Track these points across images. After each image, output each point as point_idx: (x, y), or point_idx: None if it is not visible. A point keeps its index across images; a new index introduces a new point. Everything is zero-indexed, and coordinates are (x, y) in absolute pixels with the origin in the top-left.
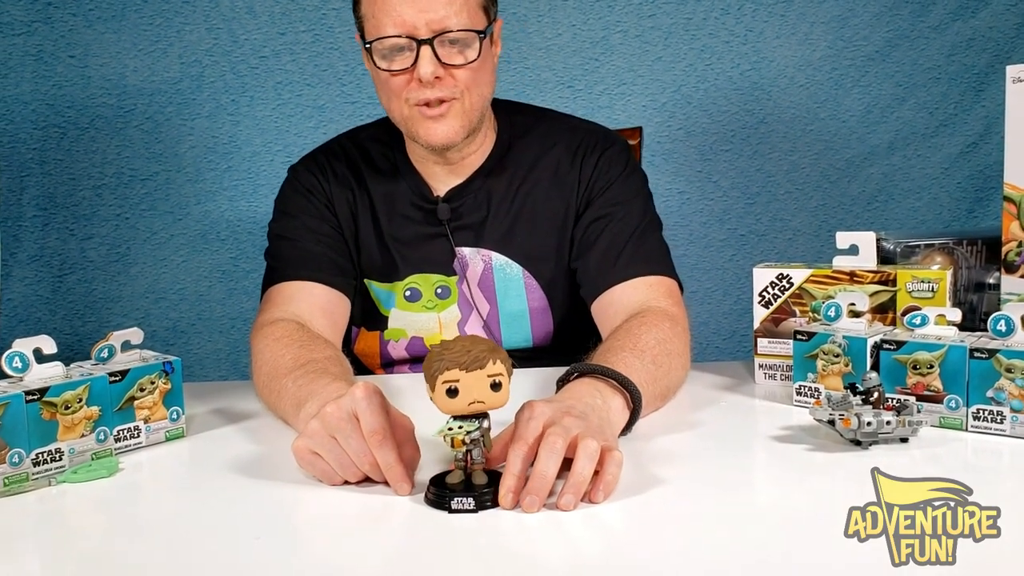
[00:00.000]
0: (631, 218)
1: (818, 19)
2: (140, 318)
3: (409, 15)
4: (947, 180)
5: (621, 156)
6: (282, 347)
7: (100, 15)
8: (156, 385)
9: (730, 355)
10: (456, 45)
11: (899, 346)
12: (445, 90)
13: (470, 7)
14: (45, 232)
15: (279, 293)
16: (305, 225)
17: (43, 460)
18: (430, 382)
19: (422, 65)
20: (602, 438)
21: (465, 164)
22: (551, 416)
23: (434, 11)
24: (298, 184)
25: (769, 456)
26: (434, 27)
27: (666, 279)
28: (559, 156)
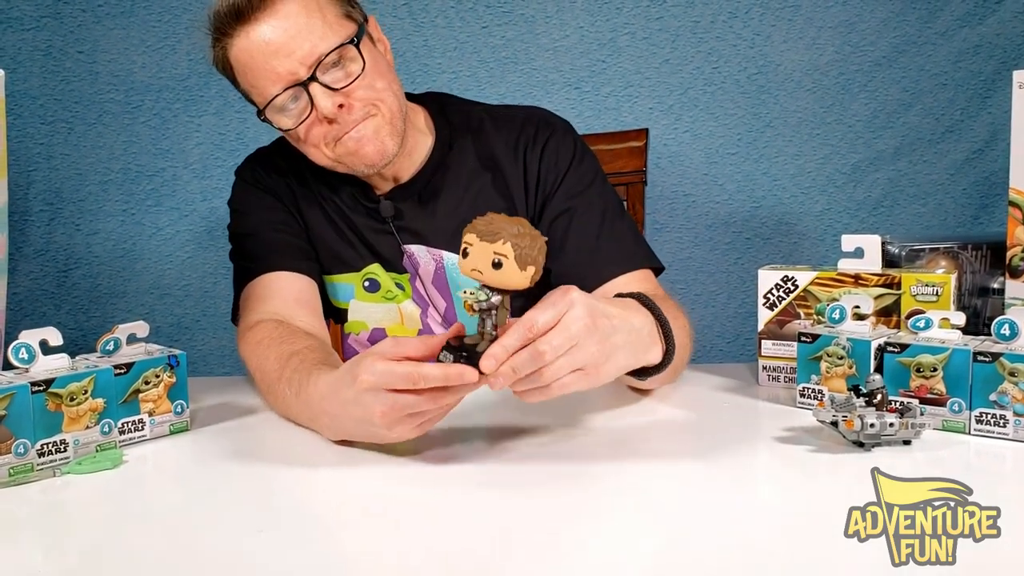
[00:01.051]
0: (594, 208)
1: (825, 24)
2: (145, 313)
3: (280, 65)
4: (953, 186)
5: (566, 142)
6: (263, 349)
7: (109, 11)
8: (161, 378)
9: (733, 358)
10: (338, 65)
11: (903, 349)
12: (354, 114)
13: (331, 24)
14: (51, 227)
15: (252, 293)
16: (260, 218)
17: (48, 451)
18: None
19: (320, 102)
20: (605, 359)
21: (403, 169)
22: (581, 312)
23: (300, 48)
24: (243, 183)
25: (772, 457)
26: (308, 62)
27: (647, 271)
28: (502, 151)
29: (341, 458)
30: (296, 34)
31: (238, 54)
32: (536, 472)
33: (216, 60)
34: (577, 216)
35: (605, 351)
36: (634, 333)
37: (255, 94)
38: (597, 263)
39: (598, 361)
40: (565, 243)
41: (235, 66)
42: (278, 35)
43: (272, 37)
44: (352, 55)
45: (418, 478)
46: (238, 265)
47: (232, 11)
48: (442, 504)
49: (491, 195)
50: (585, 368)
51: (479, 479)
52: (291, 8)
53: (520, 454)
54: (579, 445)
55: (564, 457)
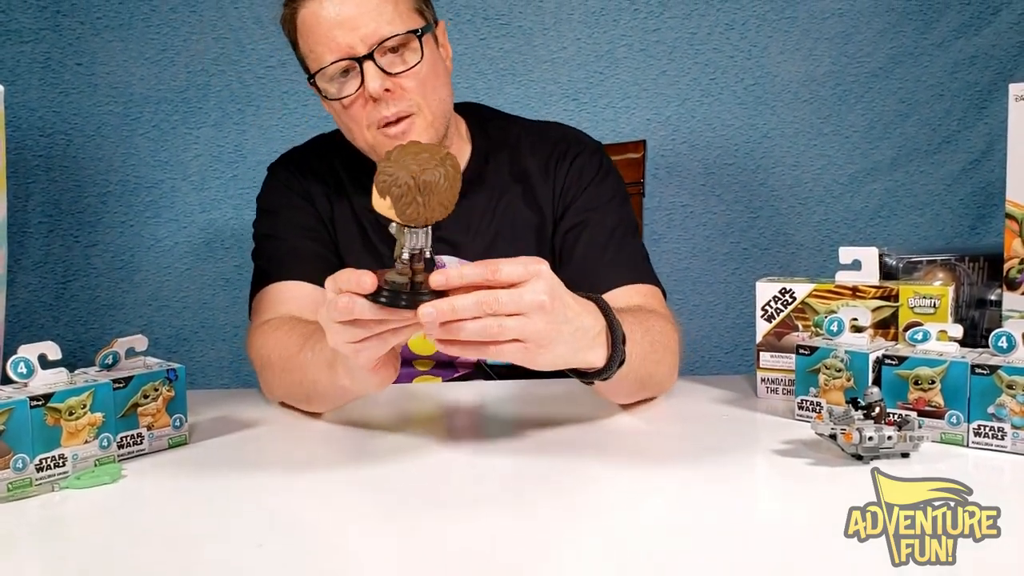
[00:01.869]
0: (606, 223)
1: (822, 35)
2: (143, 326)
3: (342, 36)
4: (949, 197)
5: (593, 160)
6: (284, 334)
7: (108, 24)
8: (160, 392)
9: (732, 369)
10: (397, 52)
11: (901, 361)
12: (400, 104)
13: (401, 12)
14: (50, 239)
15: (270, 296)
16: (290, 221)
17: (47, 466)
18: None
19: (369, 81)
20: (548, 342)
21: None
22: (543, 286)
23: (365, 26)
24: (277, 182)
25: (771, 469)
26: (370, 41)
27: (652, 287)
28: (534, 167)
29: (341, 471)
30: (365, 11)
31: (306, 16)
32: (530, 484)
33: (284, 19)
34: (589, 227)
35: (550, 334)
36: (581, 331)
37: (311, 59)
38: (600, 271)
39: (541, 340)
40: (573, 252)
41: (300, 28)
42: (348, 8)
43: (342, 8)
44: (413, 46)
45: (417, 493)
46: (260, 265)
47: None
48: (441, 520)
49: (521, 207)
50: (527, 342)
51: (475, 493)
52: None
53: (512, 465)
54: (574, 456)
55: (559, 469)
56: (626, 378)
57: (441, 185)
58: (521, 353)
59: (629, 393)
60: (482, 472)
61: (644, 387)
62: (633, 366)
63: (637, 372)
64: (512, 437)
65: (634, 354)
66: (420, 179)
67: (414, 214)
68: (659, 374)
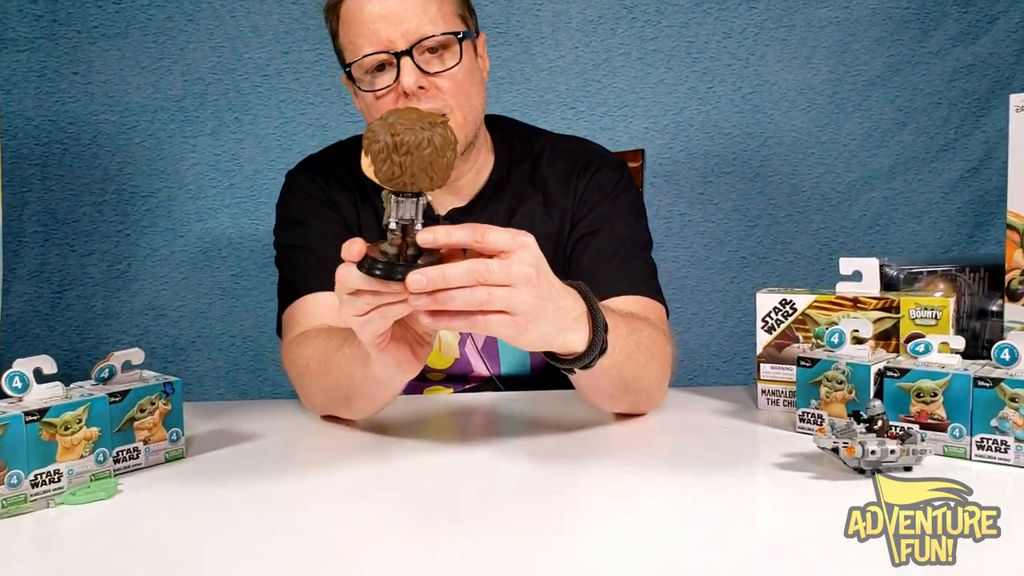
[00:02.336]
0: (617, 235)
1: (819, 44)
2: (139, 335)
3: (384, 30)
4: (948, 204)
5: (613, 175)
6: (322, 340)
7: (104, 32)
8: (156, 406)
9: (731, 378)
10: (436, 52)
11: (903, 374)
12: (432, 102)
13: (445, 14)
14: (45, 248)
15: (299, 312)
16: (319, 231)
17: (42, 481)
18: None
19: (405, 76)
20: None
21: (462, 185)
22: (530, 258)
23: (408, 22)
24: (299, 190)
25: (772, 483)
26: (411, 37)
27: (653, 302)
28: (555, 178)
29: (339, 486)
30: (410, 8)
31: (351, 7)
32: (529, 496)
33: (327, 8)
34: (598, 237)
35: (536, 309)
36: (563, 310)
37: (349, 50)
38: (603, 279)
39: (528, 314)
40: (581, 259)
41: (343, 18)
42: (393, 3)
43: (387, 3)
44: (453, 49)
45: (417, 507)
46: (288, 277)
47: None
48: (440, 534)
49: (540, 215)
50: (515, 315)
51: (475, 507)
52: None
53: (512, 478)
54: (573, 468)
55: (558, 480)
56: (608, 373)
57: (423, 147)
58: (508, 327)
59: (612, 394)
60: (479, 489)
61: (628, 389)
62: (616, 361)
63: (620, 369)
64: (513, 448)
65: (617, 348)
66: (397, 137)
67: (390, 172)
68: (644, 379)
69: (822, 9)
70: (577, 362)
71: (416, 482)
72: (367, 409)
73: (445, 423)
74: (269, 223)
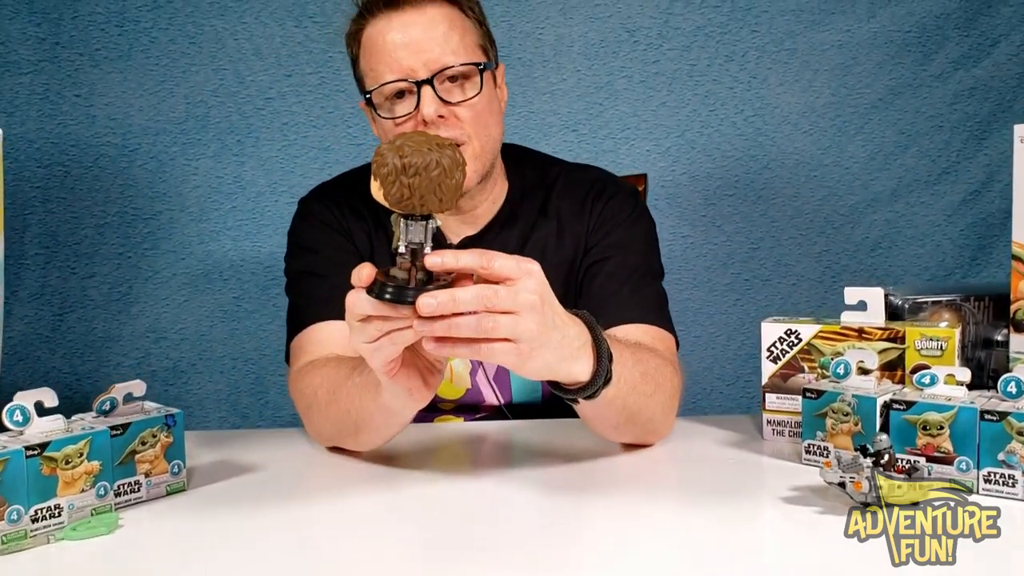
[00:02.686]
0: (629, 262)
1: (821, 67)
2: (140, 358)
3: (406, 58)
4: (950, 227)
5: (627, 202)
6: (331, 369)
7: (107, 55)
8: (158, 439)
9: (734, 400)
10: (456, 82)
11: (909, 406)
12: (451, 131)
13: (467, 45)
14: (47, 270)
15: (308, 340)
16: (330, 259)
17: (42, 516)
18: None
19: (424, 105)
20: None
21: (477, 214)
22: (535, 285)
23: (430, 51)
24: (312, 218)
25: (778, 518)
26: (432, 67)
27: (663, 331)
28: (568, 206)
29: (340, 520)
30: (432, 37)
31: (373, 34)
32: (536, 528)
33: (349, 35)
34: (610, 263)
35: (540, 337)
36: (567, 339)
37: (370, 77)
38: (612, 306)
39: (532, 342)
40: (592, 285)
41: (364, 44)
42: (416, 32)
43: (409, 31)
44: (473, 80)
45: (425, 540)
46: (298, 304)
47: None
48: (448, 567)
49: (552, 243)
50: (519, 343)
51: (483, 540)
52: (438, 14)
53: (519, 510)
54: (580, 500)
55: (559, 512)
56: (613, 404)
57: (431, 168)
58: (512, 356)
59: (617, 424)
60: (479, 522)
61: (633, 420)
62: (621, 391)
63: (625, 400)
64: (521, 479)
65: (622, 379)
66: (405, 159)
67: (399, 195)
68: (650, 410)
69: (824, 32)
70: (581, 392)
71: (424, 514)
72: (375, 440)
73: (453, 452)
74: (271, 246)
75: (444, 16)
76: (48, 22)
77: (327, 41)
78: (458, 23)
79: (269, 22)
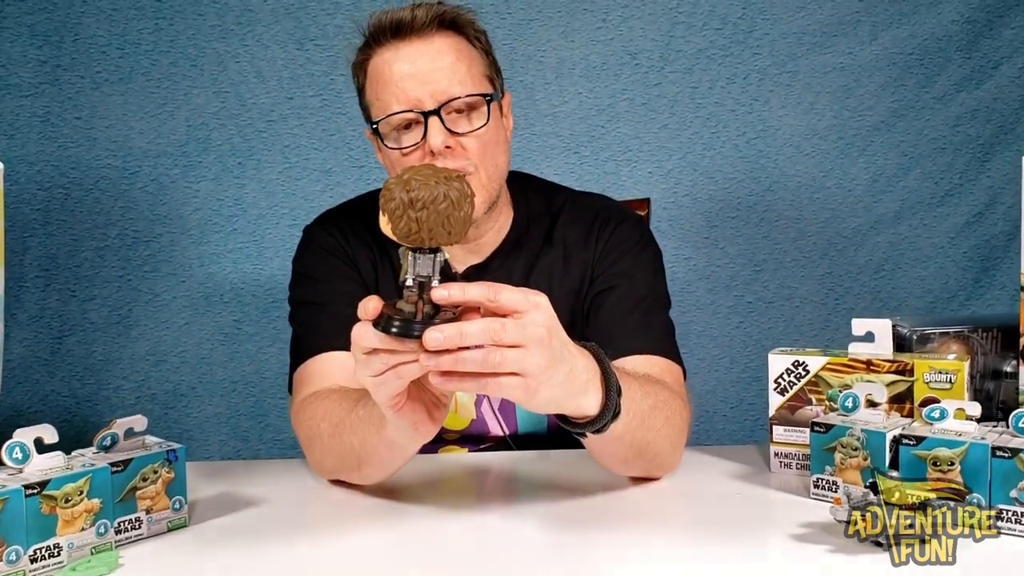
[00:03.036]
0: (636, 292)
1: (823, 89)
2: (140, 381)
3: (413, 89)
4: (953, 250)
5: (634, 231)
6: (334, 402)
7: (107, 78)
8: (159, 474)
9: (737, 424)
10: (463, 113)
11: (918, 441)
12: (458, 161)
13: (474, 76)
14: (46, 293)
15: (311, 371)
16: (334, 288)
17: (41, 556)
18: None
19: (432, 136)
20: (545, 380)
21: (482, 243)
22: (543, 319)
23: (437, 82)
24: (316, 246)
25: (787, 556)
26: (439, 98)
27: (671, 363)
28: (575, 234)
29: (344, 556)
30: (438, 68)
31: (379, 64)
32: (540, 564)
33: (355, 64)
34: (616, 292)
35: (547, 372)
36: (575, 372)
37: (376, 107)
38: (619, 336)
39: (540, 376)
40: (598, 314)
41: (370, 74)
42: (423, 63)
43: (416, 62)
44: (480, 110)
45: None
46: (301, 335)
47: (393, 25)
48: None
49: (558, 271)
50: (527, 377)
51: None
52: (444, 45)
53: (523, 545)
54: (584, 536)
55: (569, 548)
56: (621, 438)
57: (438, 201)
58: (520, 390)
59: (625, 458)
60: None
61: (641, 455)
62: (630, 426)
63: (633, 434)
64: (525, 513)
65: (631, 412)
66: (412, 194)
67: (407, 229)
68: (658, 444)
69: (826, 55)
70: (589, 426)
71: (428, 550)
72: (379, 474)
73: (458, 486)
74: (272, 268)
75: (451, 46)
76: (49, 45)
77: (329, 64)
78: (465, 53)
79: (271, 45)
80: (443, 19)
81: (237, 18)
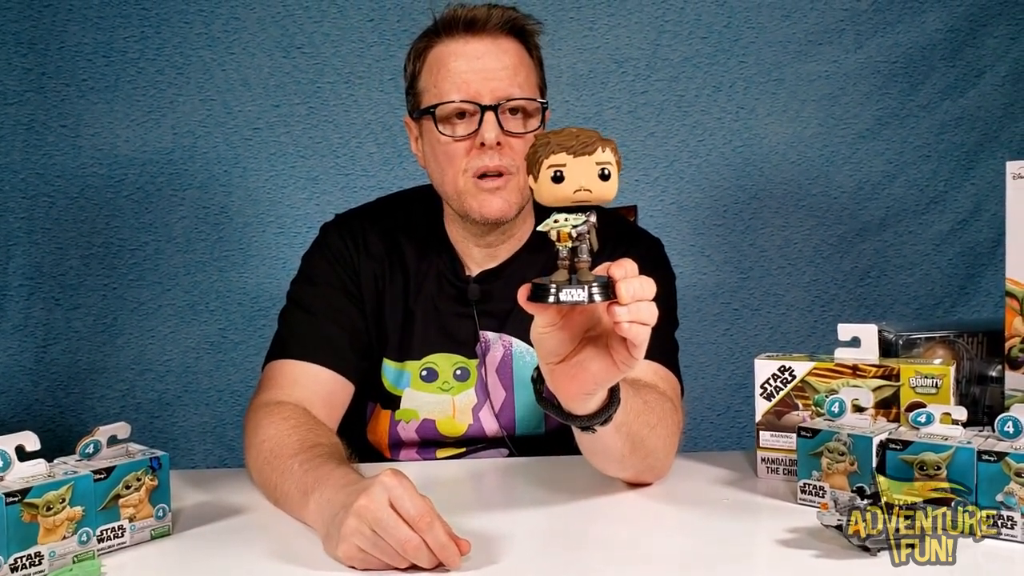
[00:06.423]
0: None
1: (809, 97)
2: (125, 390)
3: (474, 82)
4: (939, 256)
5: (651, 251)
6: (289, 428)
7: (93, 85)
8: (143, 482)
9: (724, 430)
10: (518, 114)
11: (905, 446)
12: (505, 159)
13: (530, 82)
14: (30, 301)
15: (283, 372)
16: (326, 299)
17: (22, 565)
18: (534, 168)
19: (486, 129)
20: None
21: (503, 249)
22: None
23: (498, 80)
24: (327, 249)
25: (775, 562)
26: (498, 94)
27: (671, 374)
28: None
29: (329, 564)
30: (502, 68)
31: (443, 53)
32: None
33: (415, 49)
34: None
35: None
36: None
37: (431, 93)
38: None
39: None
40: None
41: (430, 61)
42: (488, 60)
43: (483, 58)
44: (535, 114)
45: None
46: (283, 334)
47: (466, 20)
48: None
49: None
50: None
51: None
52: (511, 47)
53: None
54: (576, 544)
55: (562, 557)
56: (620, 430)
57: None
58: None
59: (622, 455)
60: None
61: (636, 450)
62: (627, 417)
63: (631, 426)
64: (497, 528)
65: (628, 403)
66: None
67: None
68: (652, 442)
69: (811, 63)
70: (597, 417)
71: None
72: None
73: (452, 491)
74: (258, 276)
75: (515, 51)
76: (34, 52)
77: (315, 72)
78: (525, 60)
79: (257, 53)
80: (514, 25)
81: (223, 26)
